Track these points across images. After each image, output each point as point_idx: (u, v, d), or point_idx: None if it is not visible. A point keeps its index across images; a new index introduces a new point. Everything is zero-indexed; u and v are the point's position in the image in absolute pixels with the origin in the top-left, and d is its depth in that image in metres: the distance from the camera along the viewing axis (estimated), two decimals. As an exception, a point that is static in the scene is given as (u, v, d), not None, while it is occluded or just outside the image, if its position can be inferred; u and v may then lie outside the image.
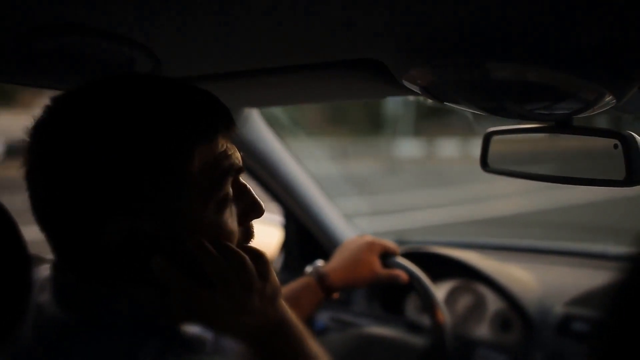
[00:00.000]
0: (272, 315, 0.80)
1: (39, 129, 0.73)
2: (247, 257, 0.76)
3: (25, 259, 0.62)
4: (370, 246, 1.32)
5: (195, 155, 0.71)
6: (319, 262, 1.32)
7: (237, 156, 0.76)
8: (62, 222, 0.71)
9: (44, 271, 0.80)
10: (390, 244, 1.35)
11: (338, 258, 1.32)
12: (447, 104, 0.88)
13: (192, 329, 0.81)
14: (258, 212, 0.80)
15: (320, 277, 1.26)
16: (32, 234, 0.71)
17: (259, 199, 0.80)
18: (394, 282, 1.34)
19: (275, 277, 0.80)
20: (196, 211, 0.72)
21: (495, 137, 1.01)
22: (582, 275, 1.73)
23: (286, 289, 1.24)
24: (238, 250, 0.76)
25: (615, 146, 0.83)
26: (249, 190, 0.79)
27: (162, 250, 0.71)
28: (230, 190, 0.75)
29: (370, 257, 1.31)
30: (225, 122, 0.75)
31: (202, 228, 0.72)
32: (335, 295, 1.29)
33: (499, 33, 0.67)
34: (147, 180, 0.69)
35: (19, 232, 0.61)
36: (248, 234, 0.80)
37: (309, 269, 1.30)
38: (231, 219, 0.76)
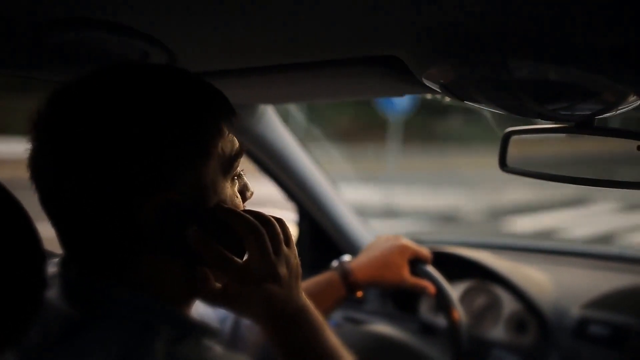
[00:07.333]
0: (295, 297, 0.81)
1: (51, 121, 0.71)
2: (272, 218, 0.78)
3: (40, 256, 0.61)
4: (402, 249, 1.30)
5: (221, 133, 0.75)
6: (346, 257, 1.30)
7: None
8: (84, 213, 0.70)
9: (50, 267, 0.79)
10: (423, 251, 1.33)
11: (366, 255, 1.30)
12: (467, 102, 0.86)
13: (204, 316, 0.80)
14: (250, 192, 0.83)
15: (345, 274, 1.24)
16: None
17: (248, 182, 0.84)
18: (420, 292, 1.31)
19: (296, 251, 0.82)
20: (219, 185, 0.75)
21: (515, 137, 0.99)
22: (598, 278, 1.71)
23: (307, 283, 1.22)
24: (262, 212, 0.78)
25: (639, 147, 0.82)
26: (241, 173, 0.83)
27: (195, 222, 0.73)
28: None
29: (400, 260, 1.28)
30: (231, 109, 0.79)
31: (224, 201, 0.76)
32: (359, 294, 1.26)
33: (522, 31, 0.66)
34: (182, 156, 0.71)
35: (34, 228, 0.61)
36: None
37: (334, 263, 1.28)
38: (238, 195, 0.80)
